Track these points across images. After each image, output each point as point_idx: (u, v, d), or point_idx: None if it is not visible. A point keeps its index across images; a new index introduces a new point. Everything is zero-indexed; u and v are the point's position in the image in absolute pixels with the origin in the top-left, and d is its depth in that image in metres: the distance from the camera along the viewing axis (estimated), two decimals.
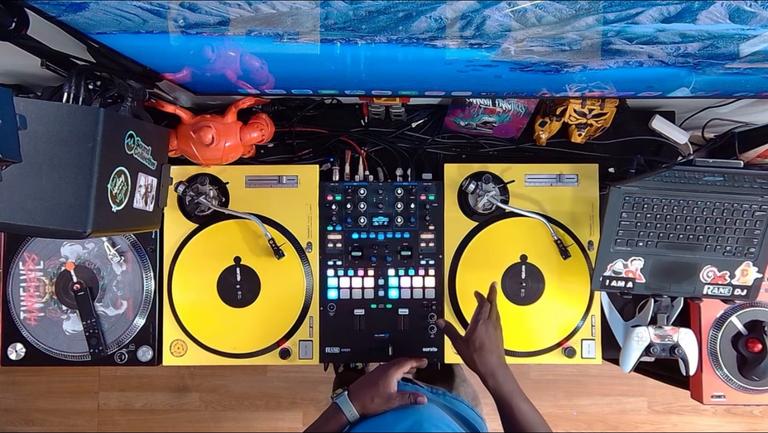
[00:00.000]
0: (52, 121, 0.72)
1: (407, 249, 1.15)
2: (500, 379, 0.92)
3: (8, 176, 0.69)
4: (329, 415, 0.92)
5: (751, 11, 0.58)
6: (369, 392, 0.92)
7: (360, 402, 0.91)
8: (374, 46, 0.71)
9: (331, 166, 1.19)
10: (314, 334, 1.14)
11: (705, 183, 0.99)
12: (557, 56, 0.74)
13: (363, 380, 0.95)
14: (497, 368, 0.93)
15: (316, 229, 1.15)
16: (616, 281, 1.08)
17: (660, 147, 1.23)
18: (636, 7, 0.59)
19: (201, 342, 1.13)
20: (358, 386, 0.94)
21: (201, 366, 1.09)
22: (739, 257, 1.06)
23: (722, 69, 0.77)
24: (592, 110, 1.08)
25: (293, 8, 0.60)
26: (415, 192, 1.15)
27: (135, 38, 0.70)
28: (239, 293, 1.13)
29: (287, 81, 0.91)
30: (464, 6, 0.59)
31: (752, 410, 2.19)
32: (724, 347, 1.13)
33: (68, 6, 0.60)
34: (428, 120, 1.23)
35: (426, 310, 1.15)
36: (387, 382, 0.93)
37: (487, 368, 0.93)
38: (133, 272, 1.13)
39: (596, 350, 1.15)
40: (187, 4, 0.60)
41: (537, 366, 2.18)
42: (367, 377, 0.96)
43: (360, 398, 0.91)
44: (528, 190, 1.16)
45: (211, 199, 1.11)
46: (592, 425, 2.19)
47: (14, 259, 1.13)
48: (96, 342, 1.12)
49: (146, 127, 0.89)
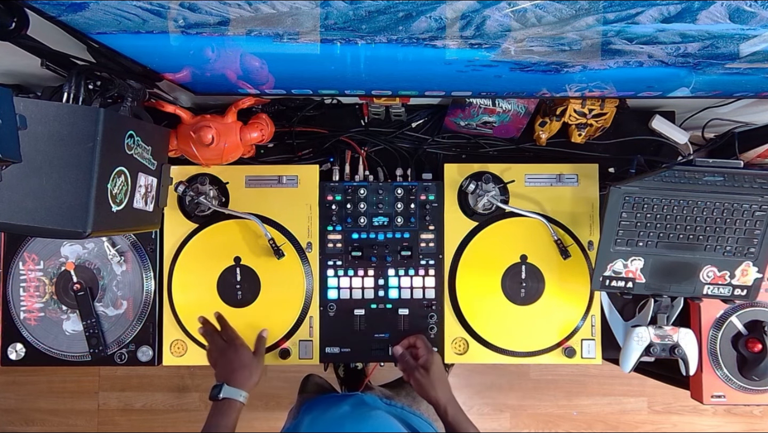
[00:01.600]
0: (52, 121, 0.72)
1: (407, 249, 1.15)
2: (456, 406, 1.00)
3: (8, 176, 0.69)
4: (222, 410, 0.95)
5: (751, 11, 0.58)
6: (242, 371, 1.00)
7: (242, 382, 0.98)
8: (374, 46, 0.71)
9: (331, 166, 1.19)
10: (314, 334, 1.14)
11: (705, 183, 0.99)
12: (557, 56, 0.74)
13: (225, 368, 1.01)
14: (451, 397, 1.01)
15: (316, 229, 1.15)
16: (616, 281, 1.08)
17: (660, 147, 1.23)
18: (636, 7, 0.59)
19: (201, 342, 1.13)
20: (228, 373, 0.99)
21: (201, 366, 1.09)
22: (739, 257, 1.06)
23: (722, 69, 0.77)
24: (592, 110, 1.08)
25: (293, 8, 0.60)
26: (415, 192, 1.15)
27: (135, 38, 0.70)
28: (239, 293, 1.13)
29: (287, 81, 0.91)
30: (464, 6, 0.59)
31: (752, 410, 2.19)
32: (724, 347, 1.13)
33: (68, 6, 0.60)
34: (428, 120, 1.23)
35: (426, 310, 1.15)
36: (244, 352, 1.03)
37: (448, 395, 1.00)
38: (133, 272, 1.13)
39: (596, 350, 1.15)
40: (187, 4, 0.60)
41: (537, 366, 2.18)
42: (226, 364, 1.02)
43: (240, 380, 0.98)
44: (528, 190, 1.16)
45: (211, 199, 1.11)
46: (592, 425, 2.19)
47: (14, 259, 1.13)
48: (96, 342, 1.12)
49: (146, 127, 0.89)
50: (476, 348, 1.14)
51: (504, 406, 2.18)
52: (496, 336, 1.14)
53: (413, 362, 1.04)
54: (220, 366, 1.03)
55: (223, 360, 1.03)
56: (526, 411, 2.17)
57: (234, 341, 1.05)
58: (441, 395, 0.99)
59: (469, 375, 2.19)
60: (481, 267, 1.14)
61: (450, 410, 0.98)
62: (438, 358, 1.05)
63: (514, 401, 2.18)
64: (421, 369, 1.02)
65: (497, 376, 2.19)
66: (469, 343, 1.14)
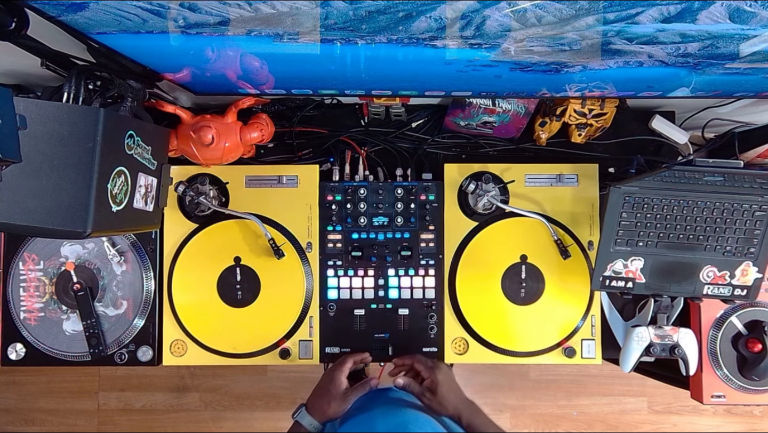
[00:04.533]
0: (52, 121, 0.72)
1: (407, 249, 1.15)
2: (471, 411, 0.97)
3: (8, 176, 0.69)
4: (291, 428, 0.96)
5: (751, 11, 0.58)
6: (323, 399, 0.97)
7: (318, 411, 0.96)
8: (374, 46, 0.71)
9: (331, 166, 1.19)
10: (314, 334, 1.14)
11: (705, 183, 0.99)
12: (557, 56, 0.74)
13: (315, 391, 1.00)
14: (466, 405, 0.97)
15: (316, 229, 1.15)
16: (616, 281, 1.08)
17: (660, 147, 1.23)
18: (636, 7, 0.59)
19: (201, 342, 1.13)
20: (313, 398, 0.99)
21: (201, 366, 1.09)
22: (739, 257, 1.06)
23: (722, 69, 0.77)
24: (592, 110, 1.08)
25: (293, 8, 0.60)
26: (415, 192, 1.15)
27: (135, 38, 0.70)
28: (239, 293, 1.13)
29: (287, 81, 0.91)
30: (464, 6, 0.59)
31: (752, 410, 2.19)
32: (724, 347, 1.13)
33: (68, 6, 0.60)
34: (428, 120, 1.23)
35: (426, 310, 1.15)
36: (336, 383, 0.99)
37: (461, 406, 0.97)
38: (133, 272, 1.13)
39: (596, 350, 1.15)
40: (187, 4, 0.60)
41: (537, 366, 2.18)
42: (318, 387, 1.01)
43: (317, 408, 0.97)
44: (528, 190, 1.16)
45: (211, 199, 1.11)
46: (592, 425, 2.19)
47: (14, 259, 1.13)
48: (96, 342, 1.12)
49: (146, 127, 0.89)
50: (476, 348, 1.14)
51: (504, 406, 2.18)
52: (496, 336, 1.14)
53: (418, 388, 0.99)
54: (317, 386, 1.02)
55: (321, 381, 1.02)
56: (526, 411, 2.17)
57: (338, 367, 1.02)
58: (452, 409, 0.96)
59: (469, 375, 2.19)
60: (481, 267, 1.14)
61: (465, 419, 0.94)
62: (441, 370, 1.00)
63: (514, 401, 2.18)
64: (427, 393, 0.97)
65: (497, 376, 2.19)
66: (469, 343, 1.14)
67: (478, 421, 0.95)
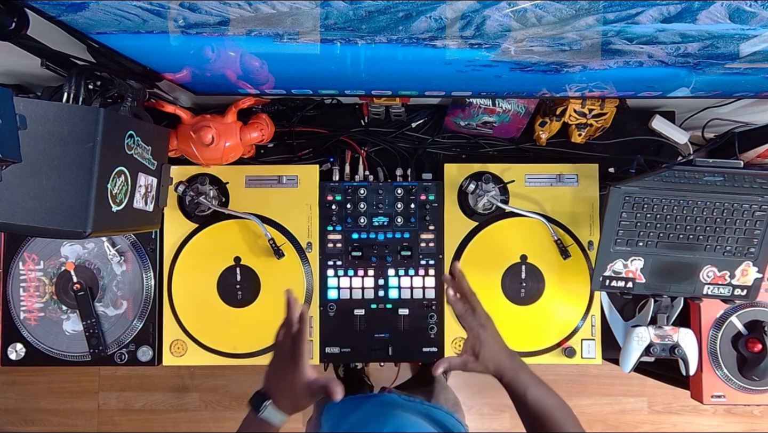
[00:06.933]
0: (52, 121, 0.72)
1: (407, 249, 1.15)
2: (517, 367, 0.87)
3: (8, 176, 0.69)
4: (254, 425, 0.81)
5: (751, 11, 0.58)
6: (290, 393, 0.82)
7: (288, 404, 0.81)
8: (374, 46, 0.71)
9: (331, 166, 1.19)
10: (314, 334, 1.14)
11: (705, 183, 0.99)
12: (557, 56, 0.74)
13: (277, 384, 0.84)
14: (511, 361, 0.88)
15: (316, 229, 1.15)
16: (616, 281, 1.08)
17: (660, 147, 1.23)
18: (636, 7, 0.59)
19: (201, 342, 1.13)
20: (279, 392, 0.82)
21: (201, 366, 1.09)
22: (739, 257, 1.06)
23: (722, 69, 0.77)
24: (592, 110, 1.08)
25: (293, 8, 0.60)
26: (415, 192, 1.15)
27: (135, 38, 0.70)
28: (239, 293, 1.13)
29: (287, 81, 0.91)
30: (464, 6, 0.59)
31: (752, 410, 2.19)
32: (724, 347, 1.13)
33: (68, 6, 0.60)
34: (428, 120, 1.23)
35: (426, 310, 1.15)
36: (300, 375, 0.81)
37: (506, 362, 0.87)
38: (133, 272, 1.13)
39: (596, 350, 1.15)
40: (187, 4, 0.60)
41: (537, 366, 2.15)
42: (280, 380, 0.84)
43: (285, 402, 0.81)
44: (528, 190, 1.16)
45: (211, 199, 1.11)
46: (592, 425, 2.19)
47: (14, 259, 1.13)
48: (96, 342, 1.12)
49: (146, 127, 0.89)
50: None
51: (504, 406, 2.17)
52: None
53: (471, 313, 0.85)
54: (271, 374, 0.86)
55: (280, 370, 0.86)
56: None
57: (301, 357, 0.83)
58: (494, 369, 0.86)
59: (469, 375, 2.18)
60: (481, 267, 1.14)
61: (506, 379, 0.84)
62: (487, 330, 0.87)
63: None
64: (470, 354, 0.85)
65: None
66: None
67: (520, 380, 0.86)
